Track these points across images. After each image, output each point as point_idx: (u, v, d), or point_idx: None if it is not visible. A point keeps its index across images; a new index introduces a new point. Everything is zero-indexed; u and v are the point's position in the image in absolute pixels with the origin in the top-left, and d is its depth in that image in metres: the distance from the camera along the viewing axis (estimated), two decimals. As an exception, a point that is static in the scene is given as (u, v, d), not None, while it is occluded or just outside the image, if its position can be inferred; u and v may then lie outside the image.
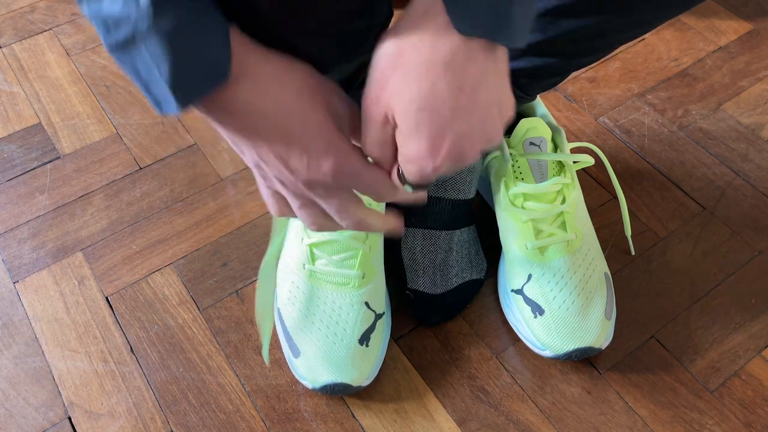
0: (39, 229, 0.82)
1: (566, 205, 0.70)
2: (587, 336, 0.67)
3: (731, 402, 0.68)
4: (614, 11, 0.57)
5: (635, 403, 0.68)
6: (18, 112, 0.94)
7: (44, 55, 1.01)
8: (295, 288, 0.69)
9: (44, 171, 0.87)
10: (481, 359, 0.71)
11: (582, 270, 0.70)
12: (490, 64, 0.40)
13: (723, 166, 0.86)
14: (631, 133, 0.90)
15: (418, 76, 0.39)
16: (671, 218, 0.82)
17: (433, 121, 0.40)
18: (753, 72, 0.97)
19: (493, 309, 0.74)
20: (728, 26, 1.03)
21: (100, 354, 0.72)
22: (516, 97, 0.66)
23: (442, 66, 0.38)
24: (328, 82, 0.45)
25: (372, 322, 0.68)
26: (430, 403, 0.68)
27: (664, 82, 0.96)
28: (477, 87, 0.40)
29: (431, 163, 0.41)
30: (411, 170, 0.42)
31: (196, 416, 0.68)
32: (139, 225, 0.82)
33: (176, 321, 0.74)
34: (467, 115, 0.40)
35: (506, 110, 0.43)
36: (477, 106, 0.40)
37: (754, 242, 0.79)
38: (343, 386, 0.65)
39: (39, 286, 0.77)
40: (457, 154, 0.41)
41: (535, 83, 0.65)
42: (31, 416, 0.68)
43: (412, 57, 0.39)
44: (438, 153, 0.41)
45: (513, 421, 0.67)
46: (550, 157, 0.71)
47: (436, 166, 0.41)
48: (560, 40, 0.59)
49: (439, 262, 0.73)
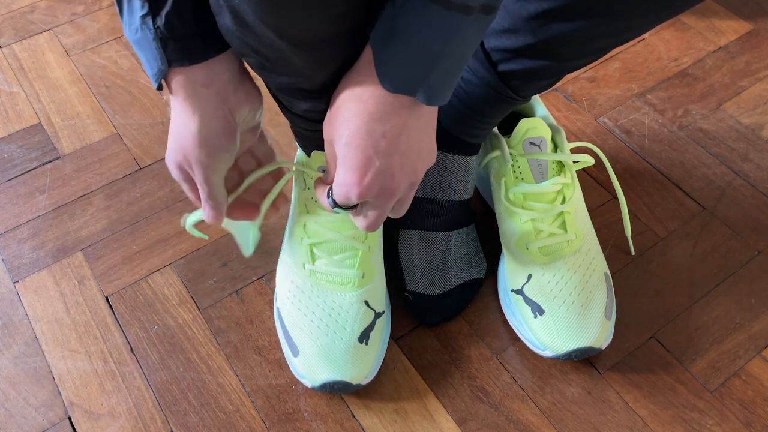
0: (39, 229, 0.82)
1: (566, 205, 0.70)
2: (587, 336, 0.67)
3: (731, 402, 0.68)
4: (605, 15, 0.57)
5: (635, 403, 0.68)
6: (18, 112, 0.94)
7: (44, 55, 1.01)
8: (295, 287, 0.69)
9: (44, 171, 0.87)
10: (481, 359, 0.71)
11: (582, 270, 0.70)
12: (413, 118, 0.49)
13: (723, 166, 0.86)
14: (631, 133, 0.90)
15: (349, 120, 0.48)
16: (671, 218, 0.82)
17: (357, 156, 0.49)
18: (753, 72, 0.97)
19: (493, 309, 0.74)
20: (728, 26, 1.03)
21: (100, 354, 0.72)
22: (509, 99, 0.66)
23: (367, 114, 0.48)
24: (195, 154, 0.54)
25: (372, 320, 0.68)
26: (430, 403, 0.68)
27: (664, 82, 0.96)
28: (398, 135, 0.48)
29: (356, 189, 0.49)
30: (338, 192, 0.51)
31: (196, 416, 0.68)
32: (139, 225, 0.82)
33: (176, 321, 0.74)
34: (387, 156, 0.49)
35: (426, 157, 0.52)
36: (397, 150, 0.49)
37: (754, 242, 0.79)
38: (342, 384, 0.65)
39: (39, 286, 0.77)
40: (380, 186, 0.50)
41: (527, 85, 0.65)
42: (31, 416, 0.68)
43: (348, 104, 0.49)
44: (362, 182, 0.49)
45: (513, 421, 0.67)
46: (550, 157, 0.71)
47: (360, 193, 0.50)
48: (552, 43, 0.59)
49: (437, 263, 0.73)
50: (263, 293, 0.76)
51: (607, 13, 0.57)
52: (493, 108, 0.68)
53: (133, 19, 0.48)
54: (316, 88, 0.54)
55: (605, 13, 0.57)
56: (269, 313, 0.74)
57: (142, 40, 0.49)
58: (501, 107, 0.68)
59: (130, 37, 0.50)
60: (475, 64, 0.65)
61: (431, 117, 0.51)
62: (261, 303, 0.75)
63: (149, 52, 0.50)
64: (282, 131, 0.91)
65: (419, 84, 0.46)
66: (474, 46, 0.47)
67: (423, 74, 0.46)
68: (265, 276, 0.77)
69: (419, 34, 0.44)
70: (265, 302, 0.75)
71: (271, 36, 0.46)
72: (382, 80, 0.46)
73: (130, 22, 0.49)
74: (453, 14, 0.42)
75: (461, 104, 0.68)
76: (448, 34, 0.44)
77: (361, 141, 0.48)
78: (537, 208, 0.70)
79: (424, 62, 0.45)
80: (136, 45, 0.50)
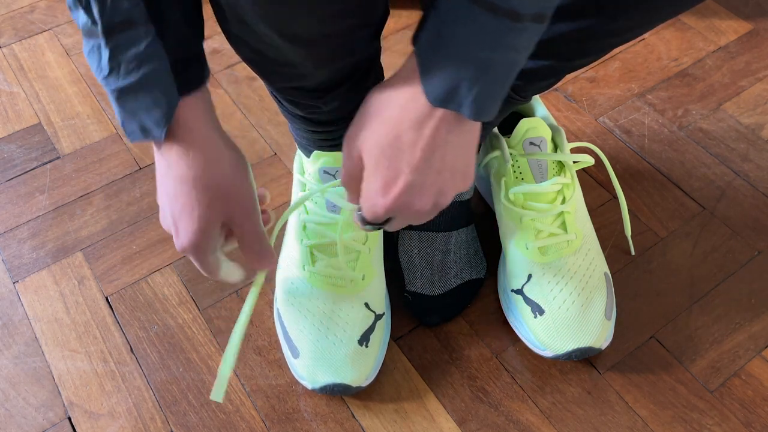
0: (39, 229, 0.82)
1: (566, 205, 0.70)
2: (587, 336, 0.67)
3: (731, 402, 0.68)
4: (605, 15, 0.57)
5: (635, 403, 0.68)
6: (18, 112, 0.94)
7: (44, 55, 1.01)
8: (295, 289, 0.69)
9: (44, 171, 0.87)
10: (481, 359, 0.71)
11: (582, 270, 0.70)
12: (454, 135, 0.45)
13: (723, 166, 0.86)
14: (631, 133, 0.90)
15: (386, 127, 0.45)
16: (671, 218, 0.82)
17: (389, 166, 0.45)
18: (753, 72, 0.97)
19: (493, 309, 0.74)
20: (728, 26, 1.03)
21: (100, 354, 0.72)
22: (509, 99, 0.66)
23: (407, 124, 0.44)
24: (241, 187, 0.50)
25: (372, 322, 0.68)
26: (430, 404, 0.68)
27: (664, 82, 0.96)
28: (435, 150, 0.45)
29: (382, 201, 0.46)
30: (365, 206, 0.48)
31: (196, 416, 0.68)
32: (139, 225, 0.82)
33: (176, 321, 0.74)
34: (421, 171, 0.45)
35: (462, 178, 0.48)
36: (431, 166, 0.46)
37: (754, 242, 0.79)
38: (342, 387, 0.65)
39: (39, 286, 0.77)
40: (405, 200, 0.46)
41: (529, 85, 0.65)
42: (31, 416, 0.68)
43: (386, 111, 0.45)
44: (388, 193, 0.46)
45: (513, 421, 0.67)
46: (550, 157, 0.71)
47: (386, 206, 0.47)
48: (553, 42, 0.59)
49: (436, 263, 0.73)
50: (263, 293, 0.76)
51: (607, 14, 0.57)
52: None
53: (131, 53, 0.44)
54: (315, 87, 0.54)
55: (605, 14, 0.57)
56: (269, 313, 0.74)
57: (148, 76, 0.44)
58: (501, 107, 0.68)
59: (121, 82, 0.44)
60: None
61: (473, 135, 0.47)
62: (261, 303, 0.75)
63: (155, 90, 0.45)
64: (282, 131, 0.91)
65: (465, 97, 0.43)
66: (524, 58, 0.44)
67: (470, 85, 0.43)
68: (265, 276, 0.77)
69: (466, 40, 0.41)
70: (265, 302, 0.75)
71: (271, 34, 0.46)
72: (427, 91, 0.43)
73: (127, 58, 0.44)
74: (501, 20, 0.40)
75: None
76: (495, 40, 0.41)
77: (395, 151, 0.45)
78: (537, 208, 0.70)
79: (472, 71, 0.42)
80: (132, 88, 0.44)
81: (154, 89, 0.45)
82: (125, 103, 0.45)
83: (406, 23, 1.05)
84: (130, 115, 0.46)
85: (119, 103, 0.45)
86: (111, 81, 0.44)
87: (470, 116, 0.44)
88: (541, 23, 0.42)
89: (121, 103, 0.45)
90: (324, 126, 0.64)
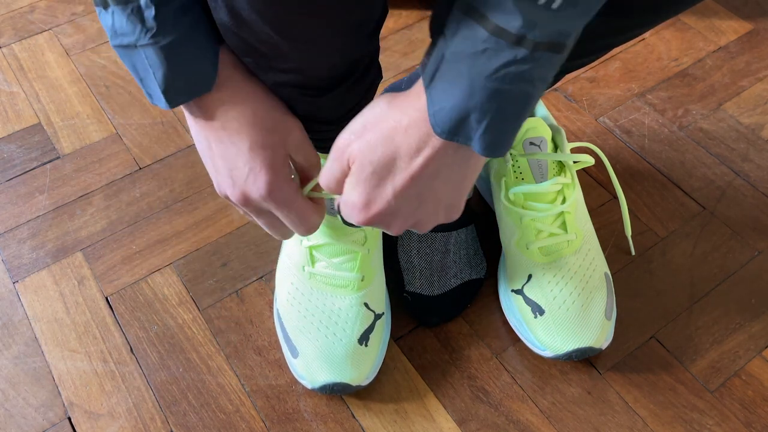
0: (39, 229, 0.82)
1: (566, 205, 0.70)
2: (587, 336, 0.67)
3: (731, 402, 0.68)
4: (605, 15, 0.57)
5: (635, 403, 0.68)
6: (18, 112, 0.94)
7: (44, 55, 1.01)
8: (295, 289, 0.69)
9: (44, 171, 0.87)
10: (481, 359, 0.71)
11: (582, 270, 0.70)
12: (450, 167, 0.44)
13: (723, 166, 0.86)
14: (631, 133, 0.90)
15: (384, 146, 0.44)
16: (671, 218, 0.82)
17: (376, 185, 0.45)
18: (753, 72, 0.97)
19: (493, 309, 0.74)
20: (728, 26, 1.03)
21: (100, 354, 0.72)
22: None
23: (405, 149, 0.43)
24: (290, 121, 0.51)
25: (371, 322, 0.68)
26: (430, 404, 0.68)
27: (664, 82, 0.96)
28: (430, 184, 0.44)
29: (359, 215, 0.46)
30: (343, 210, 0.48)
31: (196, 416, 0.68)
32: (138, 225, 0.82)
33: (176, 321, 0.74)
34: (404, 198, 0.45)
35: (446, 211, 0.48)
36: (421, 198, 0.45)
37: (754, 242, 0.79)
38: (342, 386, 0.65)
39: (39, 286, 0.77)
40: (382, 220, 0.46)
41: None
42: (31, 416, 0.68)
43: (387, 129, 0.44)
44: (368, 211, 0.46)
45: (513, 421, 0.67)
46: (550, 157, 0.71)
47: (361, 220, 0.47)
48: None
49: (436, 263, 0.73)
50: (263, 293, 0.76)
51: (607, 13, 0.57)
52: None
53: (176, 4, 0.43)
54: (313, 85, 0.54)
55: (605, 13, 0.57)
56: (269, 313, 0.74)
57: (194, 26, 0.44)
58: None
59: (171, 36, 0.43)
60: None
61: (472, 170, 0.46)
62: (261, 303, 0.75)
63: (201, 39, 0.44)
64: (282, 131, 0.91)
65: (474, 130, 0.41)
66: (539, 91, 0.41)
67: (479, 117, 0.40)
68: (265, 276, 0.77)
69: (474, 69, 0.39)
70: (265, 302, 0.75)
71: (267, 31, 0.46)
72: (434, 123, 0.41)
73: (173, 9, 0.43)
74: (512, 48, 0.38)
75: None
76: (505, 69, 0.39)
77: (386, 172, 0.44)
78: (537, 208, 0.70)
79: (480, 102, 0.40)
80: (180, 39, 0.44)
81: (201, 37, 0.45)
82: (174, 59, 0.45)
83: (405, 23, 1.05)
84: (179, 72, 0.45)
85: (168, 60, 0.44)
86: (160, 38, 0.44)
87: (481, 151, 0.42)
88: (558, 53, 0.39)
89: (170, 60, 0.44)
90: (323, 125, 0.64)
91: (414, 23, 1.04)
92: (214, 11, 0.48)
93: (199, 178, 0.86)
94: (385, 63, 0.99)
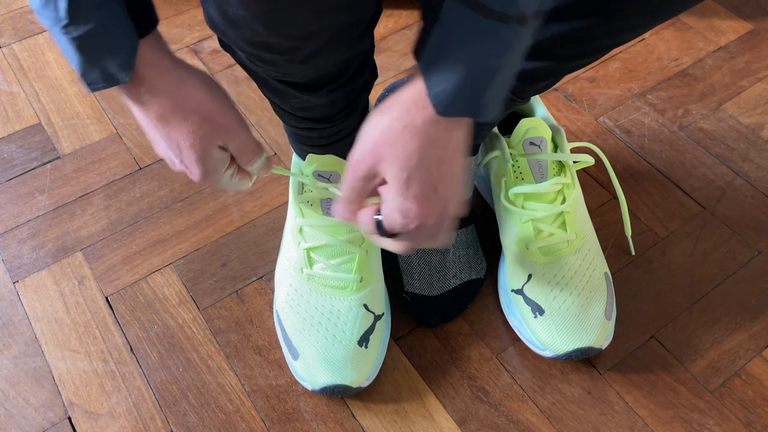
0: (39, 229, 0.82)
1: (566, 205, 0.70)
2: (587, 336, 0.67)
3: (731, 402, 0.68)
4: (604, 16, 0.57)
5: (635, 403, 0.68)
6: (18, 112, 0.94)
7: (44, 55, 1.01)
8: (293, 291, 0.69)
9: (44, 171, 0.87)
10: (481, 359, 0.71)
11: (582, 270, 0.70)
12: (461, 136, 0.47)
13: (723, 166, 0.86)
14: (631, 133, 0.90)
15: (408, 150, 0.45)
16: (671, 218, 0.82)
17: (423, 187, 0.46)
18: (753, 72, 0.97)
19: (493, 309, 0.74)
20: (728, 26, 1.03)
21: (100, 354, 0.72)
22: (509, 100, 0.66)
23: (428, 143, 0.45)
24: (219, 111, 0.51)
25: (371, 323, 0.68)
26: (430, 404, 0.68)
27: (664, 82, 0.96)
28: (454, 158, 0.47)
29: (418, 220, 0.47)
30: (395, 220, 0.48)
31: (196, 416, 0.68)
32: (139, 225, 0.82)
33: (176, 321, 0.74)
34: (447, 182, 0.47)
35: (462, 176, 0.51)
36: (453, 175, 0.48)
37: (754, 242, 0.79)
38: (342, 388, 0.65)
39: (39, 286, 0.77)
40: (438, 214, 0.48)
41: (528, 86, 0.65)
42: (31, 416, 0.68)
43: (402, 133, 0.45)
44: (425, 212, 0.47)
45: (513, 421, 0.67)
46: (550, 157, 0.71)
47: (422, 223, 0.48)
48: (551, 43, 0.59)
49: (435, 264, 0.73)
50: (263, 293, 0.76)
51: (606, 14, 0.57)
52: None
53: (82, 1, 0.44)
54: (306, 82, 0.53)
55: (604, 14, 0.57)
56: (269, 313, 0.74)
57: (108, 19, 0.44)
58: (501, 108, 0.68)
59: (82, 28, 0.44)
60: None
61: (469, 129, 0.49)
62: (261, 303, 0.75)
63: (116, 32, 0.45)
64: (281, 131, 0.91)
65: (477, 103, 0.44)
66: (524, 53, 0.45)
67: (480, 93, 0.44)
68: (265, 276, 0.77)
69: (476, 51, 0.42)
70: (265, 302, 0.75)
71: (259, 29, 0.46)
72: (437, 105, 0.44)
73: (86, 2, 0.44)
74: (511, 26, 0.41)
75: None
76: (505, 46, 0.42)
77: (425, 172, 0.46)
78: (537, 208, 0.70)
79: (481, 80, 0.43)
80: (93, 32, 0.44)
81: (115, 32, 0.45)
82: (87, 50, 0.45)
83: (405, 23, 1.05)
84: (93, 62, 0.46)
85: (81, 51, 0.45)
86: (71, 29, 0.44)
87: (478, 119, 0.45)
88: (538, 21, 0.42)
89: (83, 51, 0.45)
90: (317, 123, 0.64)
91: (414, 23, 1.04)
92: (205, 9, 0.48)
93: (199, 178, 0.86)
94: (386, 63, 0.99)
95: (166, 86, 0.48)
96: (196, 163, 0.51)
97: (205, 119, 0.50)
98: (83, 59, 0.45)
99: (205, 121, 0.50)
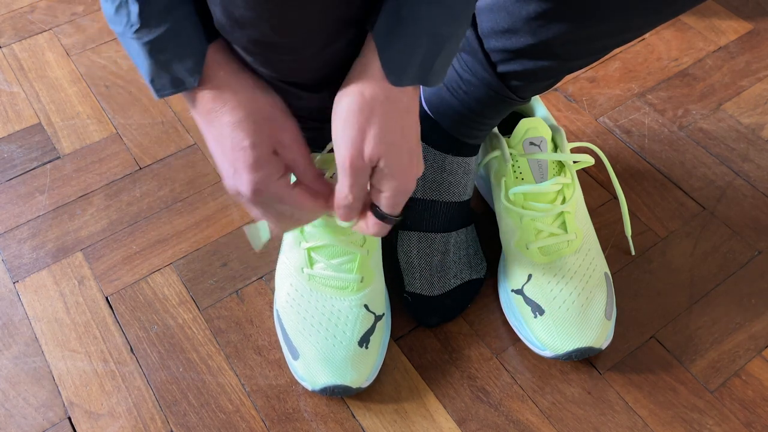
0: (39, 229, 0.82)
1: (566, 205, 0.70)
2: (587, 336, 0.67)
3: (731, 402, 0.68)
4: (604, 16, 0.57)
5: (635, 403, 0.68)
6: (18, 112, 0.94)
7: (44, 55, 1.01)
8: (294, 291, 0.69)
9: (44, 171, 0.87)
10: (481, 359, 0.71)
11: (582, 270, 0.70)
12: (415, 97, 0.50)
13: (723, 166, 0.86)
14: (631, 133, 0.90)
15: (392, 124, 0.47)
16: (671, 218, 0.82)
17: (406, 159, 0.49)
18: (753, 72, 0.97)
19: (493, 309, 0.74)
20: (728, 26, 1.03)
21: (100, 354, 0.72)
22: (509, 100, 0.66)
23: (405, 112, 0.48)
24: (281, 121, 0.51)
25: (372, 323, 0.68)
26: (430, 404, 0.68)
27: (664, 82, 0.96)
28: (416, 123, 0.50)
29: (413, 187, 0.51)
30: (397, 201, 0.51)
31: (196, 416, 0.68)
32: (139, 225, 0.82)
33: (176, 321, 0.74)
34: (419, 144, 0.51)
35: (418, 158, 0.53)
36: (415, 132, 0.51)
37: (754, 242, 0.79)
38: (342, 388, 0.65)
39: (39, 286, 0.77)
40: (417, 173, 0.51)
41: (528, 86, 0.65)
42: (31, 416, 0.68)
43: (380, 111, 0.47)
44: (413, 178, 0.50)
45: (513, 421, 0.67)
46: (550, 157, 0.71)
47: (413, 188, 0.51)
48: (551, 43, 0.59)
49: (435, 264, 0.73)
50: (263, 293, 0.76)
51: (606, 14, 0.57)
52: (492, 109, 0.68)
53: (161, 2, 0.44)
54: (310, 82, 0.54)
55: (605, 14, 0.57)
56: (269, 313, 0.74)
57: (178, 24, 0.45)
58: (500, 108, 0.68)
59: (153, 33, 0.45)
60: (475, 65, 0.65)
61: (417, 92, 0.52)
62: (261, 303, 0.75)
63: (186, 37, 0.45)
64: (282, 131, 0.91)
65: (427, 72, 0.46)
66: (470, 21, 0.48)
67: (430, 61, 0.46)
68: (265, 276, 0.77)
69: (428, 20, 0.44)
70: (265, 302, 0.75)
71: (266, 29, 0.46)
72: (391, 76, 0.46)
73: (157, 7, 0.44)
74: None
75: (461, 105, 0.68)
76: (457, 13, 0.45)
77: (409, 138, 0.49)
78: (537, 208, 0.70)
79: (432, 49, 0.46)
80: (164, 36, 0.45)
81: (186, 35, 0.46)
82: (158, 54, 0.46)
83: (406, 23, 1.05)
84: (162, 67, 0.46)
85: (151, 55, 0.46)
86: (143, 34, 0.45)
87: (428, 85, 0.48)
88: None
89: (154, 55, 0.46)
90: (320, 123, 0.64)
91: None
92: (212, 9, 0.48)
93: (199, 178, 0.86)
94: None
95: (235, 93, 0.49)
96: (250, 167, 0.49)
97: (270, 125, 0.50)
98: (153, 64, 0.46)
99: (269, 125, 0.50)
